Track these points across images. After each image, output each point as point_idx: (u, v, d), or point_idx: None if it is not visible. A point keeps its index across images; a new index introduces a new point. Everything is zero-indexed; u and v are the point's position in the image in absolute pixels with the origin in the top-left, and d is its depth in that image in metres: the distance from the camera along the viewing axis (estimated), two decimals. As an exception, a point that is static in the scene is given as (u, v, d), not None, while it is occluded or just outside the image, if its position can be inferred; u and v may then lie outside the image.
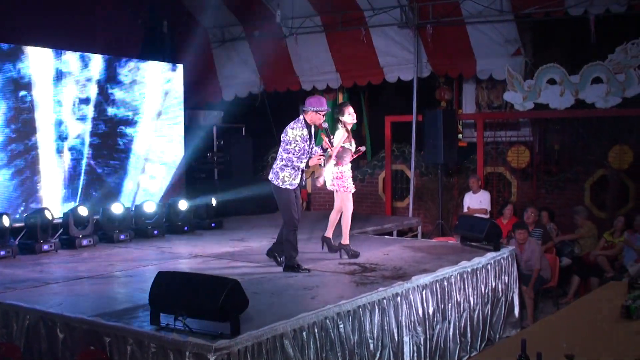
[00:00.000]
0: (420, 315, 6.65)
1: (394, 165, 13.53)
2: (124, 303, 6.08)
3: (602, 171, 11.29)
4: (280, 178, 7.36)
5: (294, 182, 7.39)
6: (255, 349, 4.88)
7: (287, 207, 7.42)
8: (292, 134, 7.33)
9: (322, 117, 7.43)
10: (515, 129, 12.42)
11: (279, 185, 7.37)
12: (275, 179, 7.40)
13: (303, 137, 7.33)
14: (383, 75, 12.93)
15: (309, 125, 7.44)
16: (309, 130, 7.42)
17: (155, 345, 4.93)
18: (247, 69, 14.31)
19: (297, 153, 7.32)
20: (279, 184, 7.37)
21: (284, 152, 7.35)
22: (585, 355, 4.81)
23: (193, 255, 8.58)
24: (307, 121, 7.41)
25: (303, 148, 7.34)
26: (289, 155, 7.32)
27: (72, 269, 7.81)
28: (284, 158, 7.35)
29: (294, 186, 7.42)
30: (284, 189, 7.38)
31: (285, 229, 7.49)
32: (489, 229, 8.41)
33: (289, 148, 7.32)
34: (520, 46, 11.54)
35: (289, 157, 7.32)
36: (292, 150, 7.31)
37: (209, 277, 5.41)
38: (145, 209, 10.44)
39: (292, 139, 7.31)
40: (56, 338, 5.53)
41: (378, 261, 7.86)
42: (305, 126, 7.39)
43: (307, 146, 7.39)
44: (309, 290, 6.45)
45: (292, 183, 7.38)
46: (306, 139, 7.37)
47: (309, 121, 7.42)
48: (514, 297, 8.46)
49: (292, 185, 7.39)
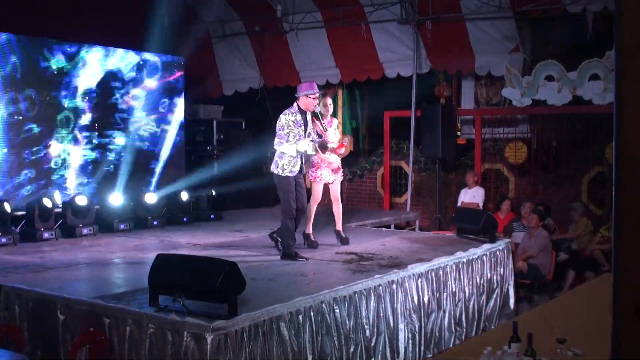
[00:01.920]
0: (415, 303, 6.73)
1: (393, 161, 13.60)
2: (123, 287, 6.17)
3: (599, 168, 11.35)
4: (279, 166, 7.44)
5: (293, 169, 7.45)
6: (252, 330, 4.97)
7: (286, 195, 7.49)
8: (284, 120, 7.42)
9: (314, 100, 7.52)
10: (513, 125, 12.49)
11: (279, 174, 7.46)
12: (275, 168, 7.49)
13: (296, 122, 7.42)
14: (383, 70, 12.99)
15: (304, 112, 7.51)
16: (303, 117, 7.49)
17: (153, 325, 5.02)
18: (248, 64, 14.37)
19: (293, 139, 7.39)
20: (279, 173, 7.46)
21: (276, 137, 7.45)
22: (576, 341, 4.90)
23: (192, 245, 8.65)
24: (301, 107, 7.50)
25: (298, 133, 7.41)
26: (281, 141, 7.39)
27: (72, 256, 7.90)
28: (277, 143, 7.44)
29: (294, 173, 7.47)
30: (284, 177, 7.45)
31: (282, 216, 7.56)
32: (485, 220, 8.49)
33: (281, 134, 7.41)
34: (519, 43, 11.61)
35: (280, 142, 7.40)
36: (284, 135, 7.38)
37: (207, 259, 5.50)
38: (145, 200, 10.52)
39: (284, 124, 7.40)
40: (57, 319, 5.62)
41: (375, 251, 7.94)
42: (299, 112, 7.48)
43: (302, 131, 7.46)
44: (306, 276, 6.55)
45: (292, 170, 7.44)
46: (300, 124, 7.44)
47: (302, 107, 7.51)
48: (509, 289, 8.54)
49: (292, 173, 7.45)
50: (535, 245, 9.36)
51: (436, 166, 12.41)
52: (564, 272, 9.91)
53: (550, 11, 11.13)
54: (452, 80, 13.32)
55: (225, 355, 4.73)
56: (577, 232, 10.45)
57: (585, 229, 10.47)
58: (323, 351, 5.58)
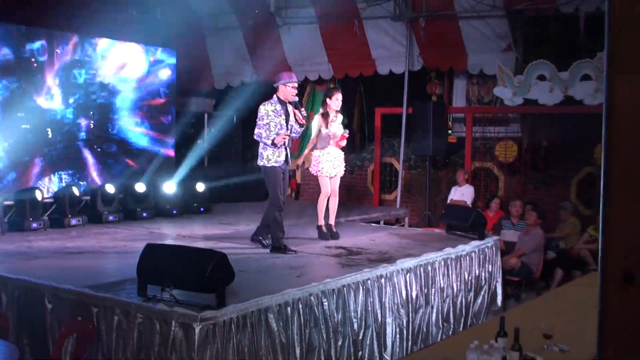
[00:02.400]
0: (403, 298, 6.75)
1: (383, 158, 13.62)
2: (112, 277, 6.14)
3: (589, 168, 11.40)
4: (265, 157, 7.48)
5: (279, 159, 7.48)
6: (240, 321, 4.97)
7: (273, 187, 7.51)
8: (264, 110, 7.47)
9: (293, 90, 7.55)
10: (504, 124, 12.53)
11: (266, 165, 7.48)
12: (261, 159, 7.53)
13: (276, 111, 7.46)
14: (375, 67, 13.00)
15: (283, 102, 7.54)
16: (283, 107, 7.52)
17: (142, 315, 5.00)
18: (240, 58, 14.35)
19: (274, 128, 7.42)
20: (265, 164, 7.49)
21: (256, 128, 7.49)
22: (563, 337, 4.93)
23: (181, 236, 8.64)
24: (280, 97, 7.53)
25: (279, 123, 7.44)
26: (259, 131, 7.44)
27: (61, 246, 7.88)
28: (257, 134, 7.50)
29: (280, 163, 7.50)
30: (270, 168, 7.48)
31: (271, 208, 7.57)
32: (474, 218, 8.52)
33: (260, 124, 7.45)
34: (511, 42, 11.64)
35: (259, 133, 7.45)
36: (262, 125, 7.42)
37: (197, 250, 5.49)
38: (135, 191, 10.50)
39: (264, 114, 7.44)
40: (45, 308, 5.59)
41: (364, 246, 7.96)
42: (278, 102, 7.51)
43: (283, 120, 7.48)
44: (295, 269, 6.55)
45: (277, 160, 7.47)
46: (280, 113, 7.48)
47: (282, 97, 7.55)
48: (497, 286, 8.57)
49: (277, 163, 7.47)
50: (530, 243, 9.41)
51: (426, 163, 12.44)
52: (551, 271, 9.95)
53: (543, 11, 11.17)
54: (444, 78, 13.34)
55: (213, 346, 4.73)
56: (565, 232, 10.49)
57: (573, 229, 10.51)
58: (311, 344, 5.59)
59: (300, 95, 14.54)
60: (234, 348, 4.89)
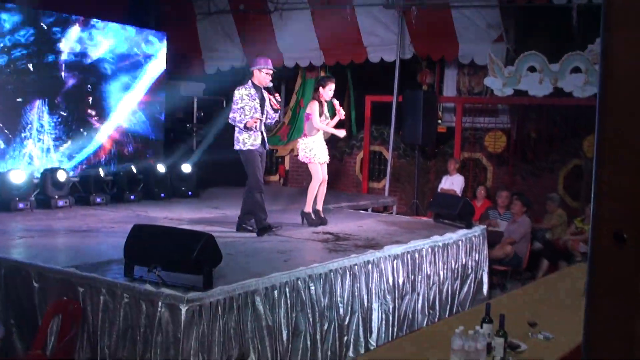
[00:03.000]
0: (390, 284, 6.76)
1: (372, 146, 13.62)
2: (98, 257, 6.11)
3: (577, 161, 11.45)
4: (241, 141, 7.50)
5: (255, 142, 7.51)
6: (227, 303, 4.97)
7: (252, 169, 7.54)
8: (238, 94, 7.50)
9: (267, 76, 7.56)
10: (493, 115, 12.56)
11: (242, 148, 7.50)
12: (237, 143, 7.55)
13: (251, 95, 7.49)
14: (366, 54, 12.98)
15: (258, 87, 7.56)
16: (258, 92, 7.54)
17: (128, 295, 4.99)
18: (231, 42, 14.30)
19: (249, 112, 7.44)
20: (241, 147, 7.51)
21: (231, 112, 7.51)
22: (547, 325, 4.97)
23: (169, 219, 8.61)
24: (255, 82, 7.55)
25: (254, 107, 7.46)
26: (233, 115, 7.46)
27: (47, 226, 7.85)
28: (231, 118, 7.51)
29: (256, 146, 7.52)
30: (247, 151, 7.50)
31: (252, 191, 7.58)
32: (462, 206, 8.54)
33: (234, 107, 7.47)
34: (503, 32, 11.65)
35: (233, 117, 7.46)
36: (237, 109, 7.44)
37: (184, 231, 5.48)
38: (122, 173, 10.46)
39: (238, 98, 7.47)
40: (32, 287, 5.57)
41: (352, 232, 7.96)
42: (253, 87, 7.53)
43: (258, 104, 7.50)
44: (282, 253, 6.54)
45: (253, 144, 7.50)
46: (255, 97, 7.50)
47: (256, 82, 7.57)
48: (483, 275, 8.60)
49: (254, 146, 7.50)
50: (519, 231, 9.49)
51: (416, 152, 12.46)
52: (537, 261, 10.01)
53: (536, 2, 11.18)
54: (435, 68, 13.34)
55: (199, 327, 4.73)
56: (551, 223, 10.55)
57: (559, 220, 10.57)
58: (297, 327, 5.60)
59: (292, 82, 14.59)
60: (220, 330, 4.89)
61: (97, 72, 11.26)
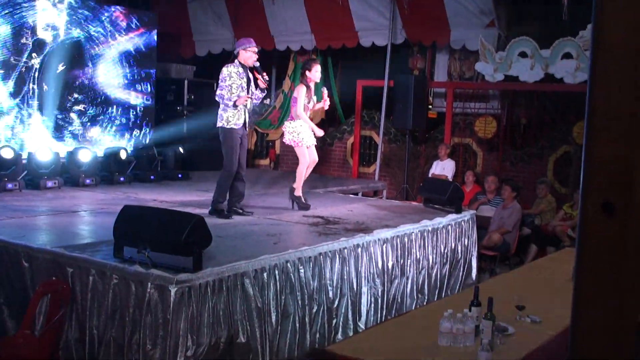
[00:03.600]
0: (379, 268, 6.78)
1: (363, 131, 13.61)
2: (87, 238, 6.12)
3: (566, 147, 11.48)
4: (224, 119, 7.47)
5: (238, 121, 7.48)
6: (216, 284, 4.97)
7: (230, 149, 7.51)
8: (226, 71, 7.47)
9: (253, 55, 7.55)
10: (484, 101, 12.56)
11: (225, 126, 7.47)
12: (220, 121, 7.51)
13: (239, 73, 7.47)
14: (358, 39, 12.94)
15: (244, 66, 7.55)
16: (245, 70, 7.53)
17: (117, 276, 4.99)
18: (222, 25, 14.23)
19: (236, 90, 7.43)
20: (224, 125, 7.48)
21: (218, 89, 7.48)
22: (535, 309, 5.00)
23: (158, 201, 8.60)
24: (241, 62, 7.54)
25: (240, 85, 7.46)
26: (222, 92, 7.42)
27: (36, 207, 7.82)
28: (219, 95, 7.47)
29: (239, 126, 7.49)
30: (229, 130, 7.47)
31: (222, 172, 7.59)
32: (451, 191, 8.56)
33: (222, 85, 7.44)
34: (495, 18, 11.62)
35: (221, 94, 7.42)
36: (225, 87, 7.41)
37: (174, 212, 5.48)
38: (113, 155, 10.43)
39: (226, 76, 7.44)
40: (22, 267, 5.56)
41: (342, 216, 7.97)
42: (240, 66, 7.53)
43: (245, 83, 7.49)
44: (272, 236, 6.55)
45: (236, 123, 7.47)
46: (243, 76, 7.49)
47: (242, 62, 7.55)
48: (472, 260, 8.64)
49: (237, 125, 7.47)
50: (511, 219, 9.49)
51: (406, 137, 12.46)
52: (526, 247, 10.06)
53: (528, -13, 11.17)
54: (427, 53, 13.32)
55: (188, 308, 4.73)
56: (540, 208, 10.58)
57: (548, 206, 10.61)
58: (286, 310, 5.61)
59: (283, 66, 14.55)
60: (210, 311, 4.90)
61: (85, 53, 11.17)
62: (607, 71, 1.52)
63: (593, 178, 1.51)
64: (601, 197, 1.50)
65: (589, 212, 1.52)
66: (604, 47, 1.52)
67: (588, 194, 1.52)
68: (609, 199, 1.49)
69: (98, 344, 5.03)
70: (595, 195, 1.50)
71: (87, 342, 5.09)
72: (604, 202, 1.49)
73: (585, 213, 1.53)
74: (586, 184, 1.52)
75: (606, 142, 1.51)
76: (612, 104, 1.52)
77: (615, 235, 1.49)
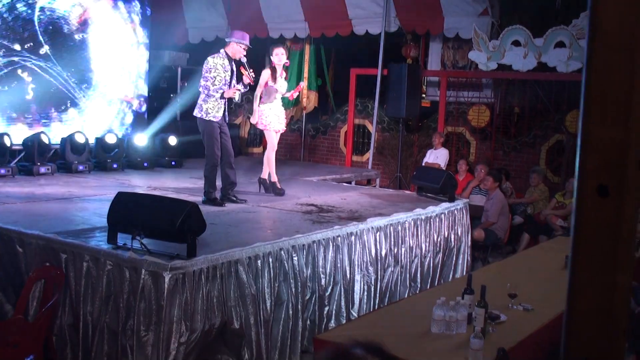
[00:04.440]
0: (372, 256, 6.80)
1: (357, 120, 13.61)
2: (81, 224, 6.10)
3: (559, 136, 11.52)
4: (204, 110, 7.46)
5: (217, 114, 7.47)
6: (210, 271, 4.99)
7: (210, 141, 7.50)
8: (212, 62, 7.45)
9: (243, 51, 7.54)
10: (477, 90, 12.58)
11: (203, 117, 7.48)
12: (199, 112, 7.51)
13: (224, 66, 7.46)
14: (351, 27, 12.91)
15: (231, 59, 7.53)
16: (230, 63, 7.51)
17: (111, 262, 5.00)
18: (215, 12, 14.16)
19: (219, 82, 7.41)
20: (202, 116, 7.48)
21: (202, 80, 7.45)
22: (527, 297, 5.04)
23: (152, 188, 8.59)
24: (229, 54, 7.53)
25: (224, 78, 7.45)
26: (207, 84, 7.41)
27: (30, 193, 7.80)
28: (203, 86, 7.45)
29: (218, 118, 7.49)
30: (208, 122, 7.47)
31: (205, 163, 7.59)
32: (445, 180, 8.56)
33: (207, 76, 7.42)
34: (488, 6, 11.63)
35: (206, 85, 7.40)
36: (210, 78, 7.40)
37: (169, 199, 5.47)
38: (106, 140, 10.41)
39: (212, 67, 7.43)
40: (16, 252, 5.56)
41: (335, 204, 7.98)
42: (226, 57, 7.50)
43: (229, 77, 7.48)
44: (266, 224, 6.56)
45: (215, 115, 7.46)
46: (227, 69, 7.47)
47: (230, 54, 7.54)
48: (465, 249, 8.65)
49: (215, 118, 7.46)
50: (493, 209, 9.47)
51: (399, 126, 12.47)
52: (518, 236, 10.10)
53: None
54: (420, 41, 13.32)
55: (182, 295, 4.75)
56: (532, 197, 10.62)
57: (541, 195, 10.64)
58: (279, 297, 5.63)
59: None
60: (203, 298, 4.92)
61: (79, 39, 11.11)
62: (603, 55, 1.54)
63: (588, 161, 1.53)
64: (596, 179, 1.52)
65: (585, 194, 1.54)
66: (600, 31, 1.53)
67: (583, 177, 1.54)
68: (604, 182, 1.51)
69: (92, 329, 5.04)
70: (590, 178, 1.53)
71: (81, 328, 5.10)
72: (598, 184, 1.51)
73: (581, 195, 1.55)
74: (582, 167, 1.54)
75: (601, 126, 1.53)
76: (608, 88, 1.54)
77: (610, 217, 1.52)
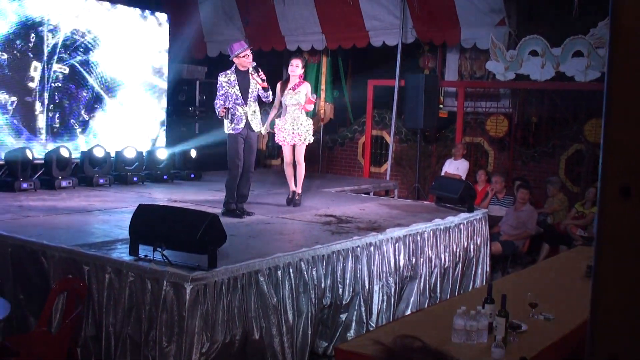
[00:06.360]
0: (391, 267, 6.81)
1: (374, 131, 13.63)
2: (103, 237, 6.17)
3: (578, 145, 11.46)
4: (225, 126, 7.70)
5: (237, 126, 7.61)
6: (231, 282, 5.02)
7: (231, 152, 7.71)
8: (219, 80, 7.70)
9: (247, 58, 7.65)
10: (495, 100, 12.55)
11: (226, 132, 7.69)
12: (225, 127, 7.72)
13: (230, 82, 7.61)
14: (368, 39, 12.95)
15: (241, 71, 7.67)
16: (238, 76, 7.63)
17: (133, 274, 5.05)
18: (233, 25, 14.27)
19: (231, 98, 7.58)
20: (225, 131, 7.71)
21: (216, 99, 7.71)
22: (548, 306, 5.02)
23: (171, 201, 8.66)
24: (238, 67, 7.67)
25: (234, 93, 7.59)
26: (217, 102, 7.64)
27: (52, 206, 7.89)
28: (215, 104, 7.70)
29: (238, 130, 7.62)
30: (229, 135, 7.66)
31: (228, 174, 7.77)
32: (463, 190, 8.56)
33: (218, 94, 7.68)
34: (505, 16, 11.62)
35: (216, 103, 7.65)
36: (220, 96, 7.64)
37: (189, 211, 5.52)
38: (125, 154, 10.50)
39: (219, 86, 7.68)
40: (41, 263, 5.63)
41: (354, 215, 8.00)
42: (235, 72, 7.65)
43: (238, 90, 7.60)
44: (285, 235, 6.60)
45: (235, 128, 7.61)
46: (234, 84, 7.60)
47: (240, 67, 7.68)
48: (484, 259, 8.63)
49: (235, 130, 7.61)
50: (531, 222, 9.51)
51: (417, 137, 12.48)
52: (538, 246, 10.06)
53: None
54: (437, 52, 13.33)
55: (203, 306, 4.79)
56: (552, 207, 10.59)
57: (560, 205, 10.61)
58: (299, 308, 5.65)
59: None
60: (224, 309, 4.95)
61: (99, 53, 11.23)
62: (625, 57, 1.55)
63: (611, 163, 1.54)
64: (619, 181, 1.52)
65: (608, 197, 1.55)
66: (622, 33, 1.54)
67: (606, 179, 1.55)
68: (627, 184, 1.52)
69: (115, 341, 5.09)
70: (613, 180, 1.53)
71: (104, 340, 5.15)
72: (621, 186, 1.52)
73: (604, 198, 1.56)
74: (604, 169, 1.55)
75: (623, 127, 1.54)
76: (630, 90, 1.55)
77: (633, 218, 1.53)
